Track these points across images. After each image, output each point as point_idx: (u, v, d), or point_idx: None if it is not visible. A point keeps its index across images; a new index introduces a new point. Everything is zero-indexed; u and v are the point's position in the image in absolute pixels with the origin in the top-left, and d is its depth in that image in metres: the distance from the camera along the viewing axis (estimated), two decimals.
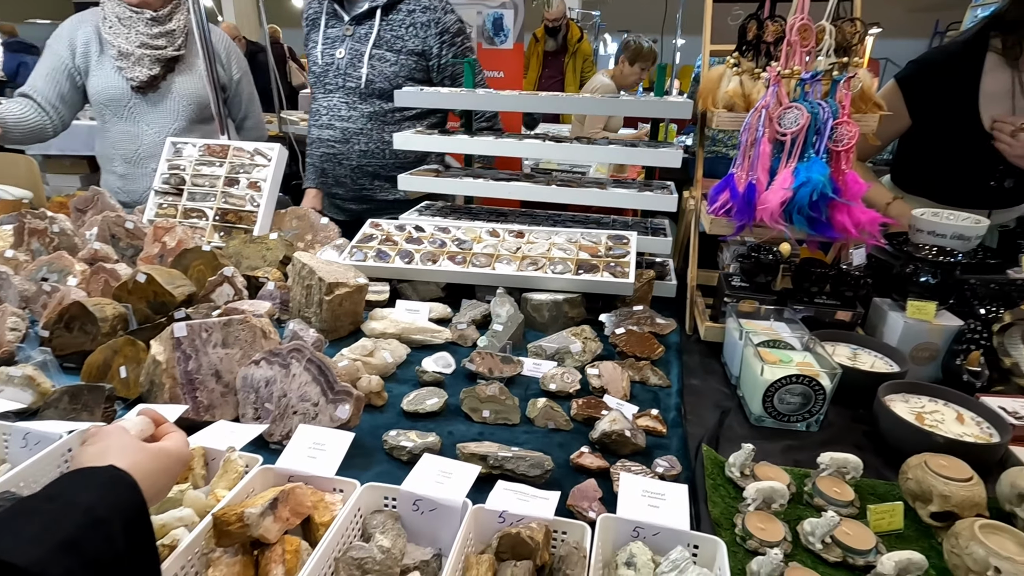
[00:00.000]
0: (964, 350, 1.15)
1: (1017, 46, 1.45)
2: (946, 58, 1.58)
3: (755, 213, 1.26)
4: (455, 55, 1.88)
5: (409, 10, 1.84)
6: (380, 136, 1.91)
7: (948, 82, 1.54)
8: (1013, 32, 1.45)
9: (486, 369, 1.16)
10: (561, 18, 4.76)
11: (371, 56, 1.83)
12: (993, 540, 0.70)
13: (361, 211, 2.04)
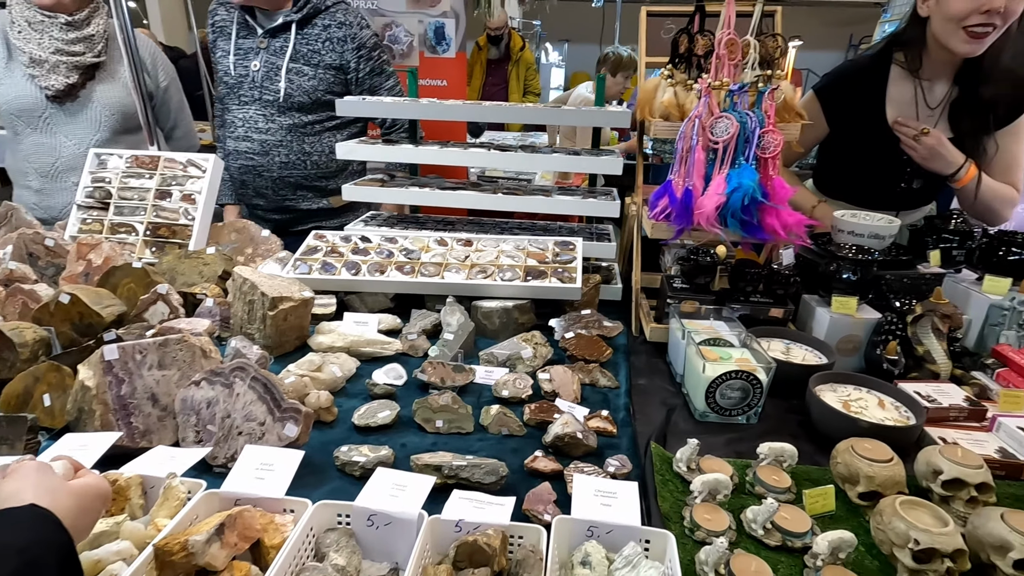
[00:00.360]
0: (883, 341, 1.25)
1: (916, 60, 1.58)
2: (856, 71, 1.70)
3: (692, 217, 1.32)
4: (372, 69, 1.90)
5: (324, 25, 1.84)
6: (300, 147, 1.89)
7: (859, 93, 1.67)
8: (911, 48, 1.58)
9: (438, 379, 1.16)
10: (503, 27, 4.82)
11: (288, 70, 1.82)
12: (912, 515, 0.76)
13: (285, 221, 2.01)
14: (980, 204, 1.59)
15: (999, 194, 1.59)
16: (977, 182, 1.54)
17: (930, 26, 1.51)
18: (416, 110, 1.65)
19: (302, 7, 1.81)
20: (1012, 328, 1.33)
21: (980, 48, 1.43)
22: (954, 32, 1.44)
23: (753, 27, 1.42)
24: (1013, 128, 1.59)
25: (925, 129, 1.54)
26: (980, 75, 1.53)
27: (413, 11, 2.83)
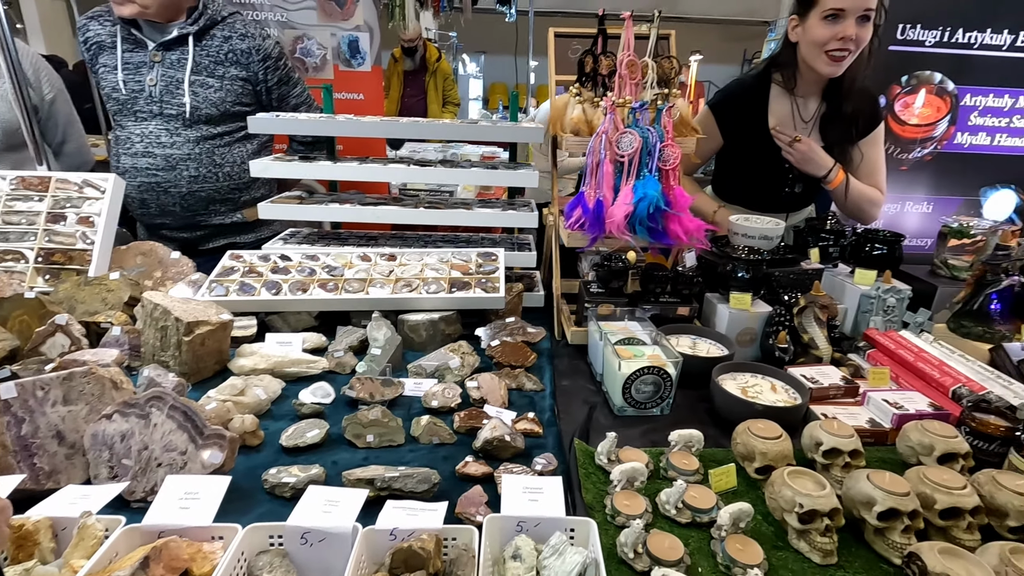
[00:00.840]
0: (774, 331, 1.39)
1: (791, 79, 1.79)
2: (743, 89, 1.89)
3: (604, 226, 1.41)
4: (280, 79, 1.89)
5: (225, 36, 1.81)
6: (211, 160, 1.84)
7: (745, 108, 1.85)
8: (786, 69, 1.78)
9: (367, 394, 1.17)
10: (417, 38, 4.84)
11: (191, 83, 1.77)
12: (797, 483, 0.87)
13: (195, 239, 1.94)
14: (851, 204, 1.82)
15: (866, 195, 1.82)
16: (846, 184, 1.76)
17: (799, 50, 1.71)
18: (333, 127, 1.64)
19: (197, 19, 1.77)
20: (879, 314, 1.53)
21: (839, 69, 1.65)
22: (818, 55, 1.64)
23: (650, 50, 1.55)
24: (872, 138, 1.82)
25: (797, 137, 1.74)
26: (842, 92, 1.74)
27: (325, 24, 2.80)
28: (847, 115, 1.76)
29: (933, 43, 2.33)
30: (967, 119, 2.45)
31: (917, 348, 1.35)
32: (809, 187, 1.93)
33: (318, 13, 2.78)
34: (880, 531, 0.85)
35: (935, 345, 1.39)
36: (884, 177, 1.88)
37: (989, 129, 2.48)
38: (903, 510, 0.83)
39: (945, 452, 0.98)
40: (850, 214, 1.87)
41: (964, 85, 2.39)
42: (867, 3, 1.55)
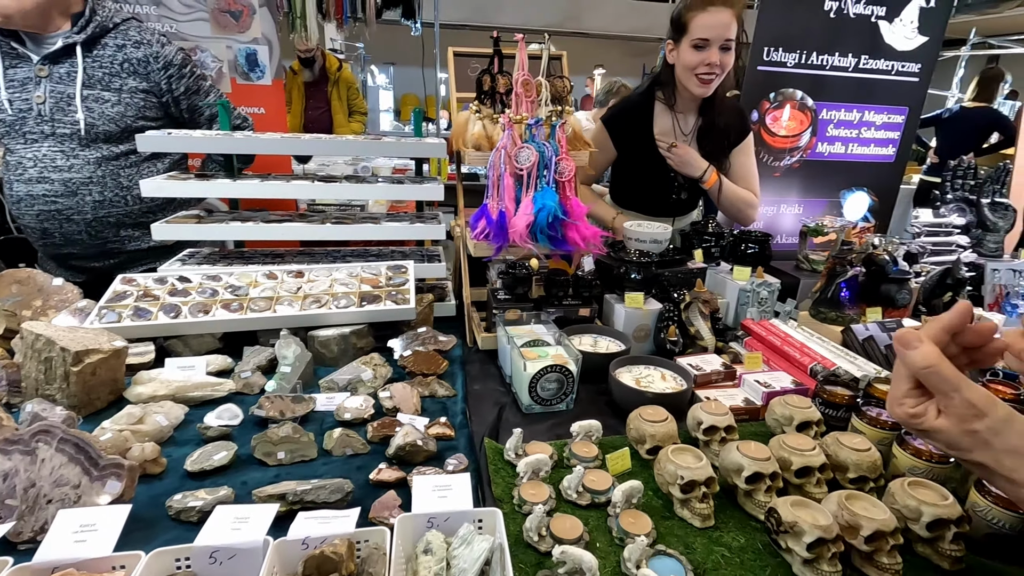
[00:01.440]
0: (664, 326, 1.53)
1: (671, 97, 1.98)
2: (631, 106, 2.06)
3: (508, 236, 1.49)
4: (187, 88, 1.81)
5: (118, 45, 1.71)
6: (116, 182, 1.73)
7: (633, 123, 2.02)
8: (666, 87, 1.97)
9: (277, 412, 1.17)
10: (313, 49, 4.75)
11: (84, 98, 1.66)
12: (679, 458, 0.98)
13: (110, 267, 1.82)
14: (726, 204, 2.02)
15: (740, 196, 2.03)
16: (719, 186, 1.96)
17: (676, 71, 1.90)
18: (230, 144, 1.61)
19: (84, 26, 1.66)
20: (754, 306, 1.72)
21: (708, 90, 1.85)
22: (689, 77, 1.84)
23: (543, 70, 1.66)
24: (743, 147, 2.05)
25: (674, 143, 1.93)
26: (714, 109, 1.95)
27: (220, 37, 2.71)
28: (720, 128, 1.98)
29: (793, 64, 2.64)
30: (825, 131, 2.79)
31: (784, 334, 1.54)
32: (693, 194, 2.12)
33: (211, 25, 2.68)
34: (748, 493, 0.97)
35: (799, 330, 1.59)
36: (757, 182, 2.12)
37: (843, 139, 2.83)
38: (765, 473, 0.96)
39: (802, 421, 1.13)
40: (729, 215, 2.08)
41: (821, 101, 2.72)
42: (727, 35, 1.77)
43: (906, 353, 0.60)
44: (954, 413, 0.57)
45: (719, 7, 1.76)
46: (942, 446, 0.61)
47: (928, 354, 0.58)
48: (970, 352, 0.62)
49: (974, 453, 0.57)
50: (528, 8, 9.39)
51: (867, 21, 2.61)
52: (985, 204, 2.04)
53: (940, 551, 0.88)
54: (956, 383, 0.57)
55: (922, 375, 0.59)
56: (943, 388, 0.58)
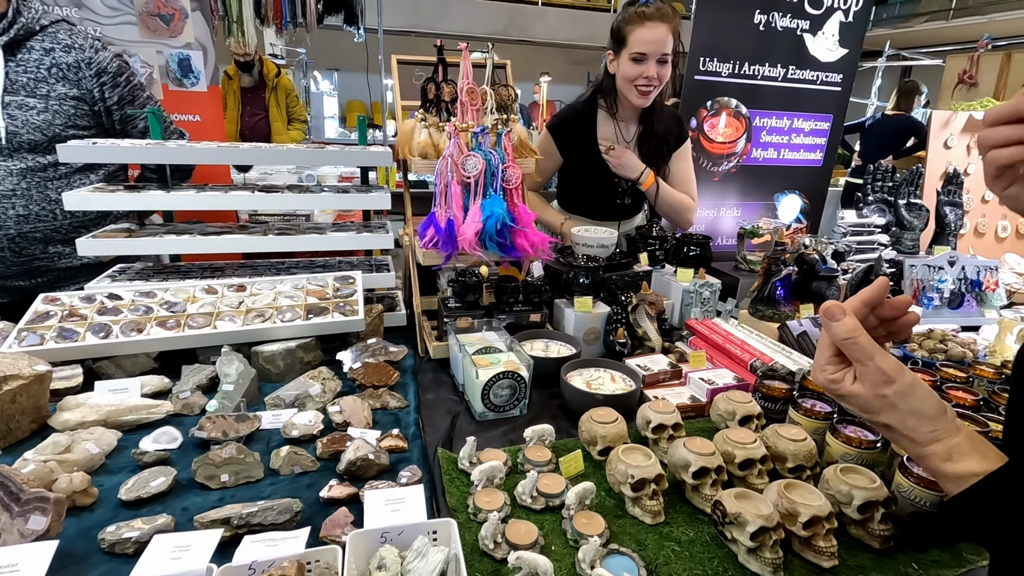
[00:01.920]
0: (613, 328, 1.57)
1: (613, 105, 2.03)
2: (575, 114, 2.10)
3: (457, 244, 1.49)
4: (121, 98, 1.72)
5: (46, 49, 1.61)
6: (44, 195, 1.62)
7: (578, 131, 2.06)
8: (608, 96, 2.03)
9: (219, 432, 1.12)
10: (251, 54, 4.60)
11: (5, 104, 1.55)
12: (629, 457, 1.01)
13: (36, 286, 1.70)
14: (664, 206, 2.08)
15: (677, 199, 2.10)
16: (657, 189, 2.02)
17: (616, 80, 1.96)
18: (162, 154, 1.53)
19: (7, 28, 1.55)
20: (697, 306, 1.79)
21: (647, 101, 1.92)
22: (629, 88, 1.90)
23: (487, 78, 1.67)
24: (680, 153, 2.13)
25: (612, 146, 1.99)
26: (653, 116, 2.02)
27: (149, 41, 2.59)
28: (659, 134, 2.05)
29: (728, 74, 2.76)
30: (759, 137, 2.93)
31: (726, 332, 1.61)
32: (637, 199, 2.19)
33: (139, 29, 2.56)
34: (695, 487, 1.01)
35: (739, 328, 1.66)
36: (694, 186, 2.20)
37: (776, 145, 2.98)
38: (711, 467, 0.99)
39: (744, 415, 1.19)
40: (667, 217, 2.15)
41: (754, 109, 2.86)
42: (664, 49, 1.84)
43: (830, 324, 0.65)
44: (868, 379, 0.63)
45: (656, 22, 1.83)
46: (856, 409, 0.66)
47: (849, 326, 0.63)
48: (887, 324, 0.68)
49: (882, 415, 0.63)
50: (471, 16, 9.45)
51: (793, 34, 2.77)
52: (902, 205, 2.19)
53: (870, 531, 0.94)
54: (871, 352, 0.62)
55: (842, 344, 0.64)
56: (860, 356, 0.63)
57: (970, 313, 2.00)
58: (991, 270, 2.03)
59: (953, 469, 0.58)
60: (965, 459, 0.58)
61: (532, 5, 10.06)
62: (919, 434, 0.61)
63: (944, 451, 0.59)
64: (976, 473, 0.56)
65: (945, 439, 0.59)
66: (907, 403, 0.61)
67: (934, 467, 0.60)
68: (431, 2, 9.39)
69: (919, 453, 0.62)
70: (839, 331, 0.63)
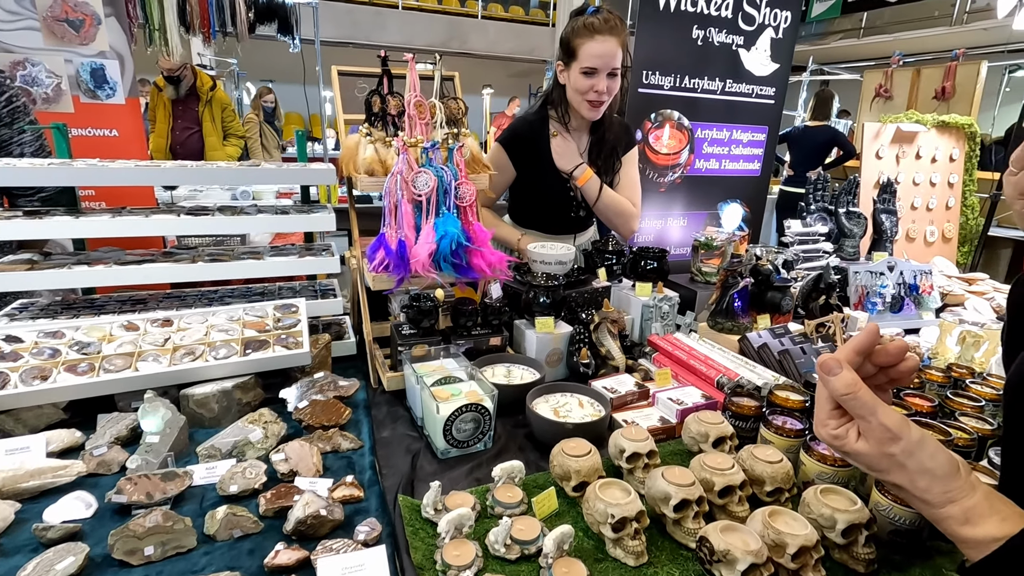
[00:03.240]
0: (576, 349, 1.51)
1: (565, 115, 2.00)
2: (526, 126, 2.05)
3: (409, 266, 1.40)
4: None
5: None
6: None
7: (531, 144, 2.02)
8: (559, 107, 2.00)
9: (142, 495, 0.97)
10: (177, 68, 4.32)
11: None
12: (607, 494, 0.94)
13: None
14: (603, 210, 2.04)
15: (617, 203, 2.05)
16: (599, 190, 1.98)
17: (567, 92, 1.93)
18: (65, 175, 1.36)
19: None
20: (657, 320, 1.76)
21: (598, 114, 1.92)
22: (580, 102, 1.90)
23: (436, 91, 1.59)
24: (626, 159, 2.11)
25: (556, 132, 1.99)
26: (604, 126, 2.01)
27: (56, 49, 2.36)
28: (610, 142, 2.04)
29: (670, 87, 2.80)
30: (701, 149, 2.99)
31: (689, 348, 1.58)
32: (589, 211, 2.16)
33: (44, 35, 2.32)
34: (677, 521, 0.95)
35: (701, 342, 1.64)
36: (638, 194, 2.17)
37: (717, 156, 3.05)
38: (692, 499, 0.94)
39: (717, 437, 1.15)
40: (607, 221, 2.11)
41: (696, 121, 2.91)
42: (613, 64, 1.83)
43: (828, 379, 0.60)
44: (872, 436, 0.59)
45: (605, 36, 1.81)
46: (864, 468, 0.62)
47: (847, 380, 0.59)
48: (887, 371, 0.64)
49: (892, 474, 0.59)
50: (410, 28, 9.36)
51: (729, 49, 2.85)
52: (842, 213, 2.27)
53: (855, 555, 0.91)
54: (872, 407, 0.58)
55: (842, 400, 0.60)
56: (861, 412, 0.59)
57: (910, 316, 2.09)
58: (926, 274, 2.12)
59: (972, 534, 0.54)
60: (984, 522, 0.54)
61: (472, 18, 10.09)
62: (932, 495, 0.56)
63: (961, 513, 0.55)
64: (997, 538, 0.52)
65: (961, 500, 0.55)
66: (915, 461, 0.57)
67: (951, 531, 0.56)
68: (368, 13, 9.24)
69: (935, 516, 0.58)
70: (837, 386, 0.59)
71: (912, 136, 2.92)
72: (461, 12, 10.29)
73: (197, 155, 4.55)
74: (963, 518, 0.55)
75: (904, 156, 2.90)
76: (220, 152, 4.68)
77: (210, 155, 4.61)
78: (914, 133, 2.91)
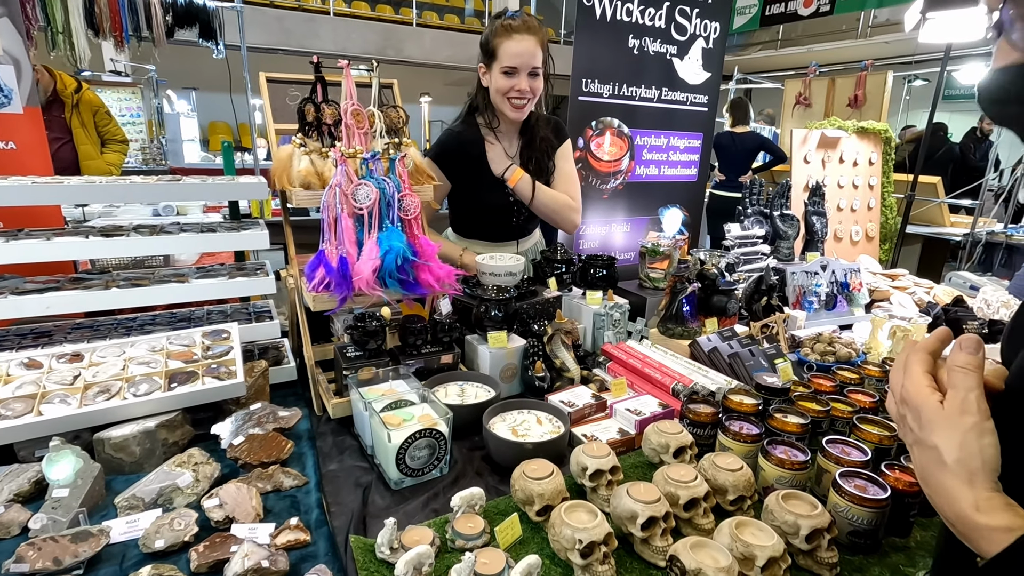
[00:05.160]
0: (531, 363, 1.47)
1: (493, 120, 1.96)
2: (454, 138, 1.99)
3: (352, 284, 1.32)
4: None
5: None
6: None
7: (463, 154, 1.96)
8: (485, 112, 1.97)
9: (48, 561, 0.85)
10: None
11: None
12: (573, 518, 0.90)
13: None
14: (541, 207, 2.00)
15: (553, 198, 2.01)
16: (533, 188, 1.95)
17: (491, 94, 1.90)
18: None
19: None
20: (609, 328, 1.75)
21: (522, 115, 1.91)
22: (503, 102, 1.88)
23: (374, 98, 1.52)
24: (559, 153, 2.09)
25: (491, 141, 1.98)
26: (533, 128, 2.00)
27: None
28: (541, 140, 2.02)
29: (609, 95, 2.84)
30: (641, 155, 3.04)
31: (642, 355, 1.58)
32: (531, 216, 2.13)
33: None
34: (645, 540, 0.93)
35: (654, 349, 1.64)
36: (577, 187, 2.11)
37: (656, 163, 3.12)
38: (658, 515, 0.92)
39: (678, 447, 1.14)
40: (547, 219, 2.08)
41: (635, 128, 2.97)
42: (534, 62, 1.83)
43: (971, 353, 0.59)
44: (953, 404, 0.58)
45: (523, 34, 1.81)
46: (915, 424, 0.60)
47: (980, 360, 0.59)
48: None
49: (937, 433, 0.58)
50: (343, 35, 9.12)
51: (663, 58, 2.92)
52: (776, 216, 2.36)
53: (819, 560, 0.91)
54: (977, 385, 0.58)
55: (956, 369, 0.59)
56: (964, 384, 0.58)
57: (842, 313, 2.18)
58: (855, 272, 2.23)
59: (985, 521, 0.53)
60: (997, 513, 0.53)
61: (407, 26, 9.95)
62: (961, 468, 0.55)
63: (974, 499, 0.54)
64: (1011, 528, 0.52)
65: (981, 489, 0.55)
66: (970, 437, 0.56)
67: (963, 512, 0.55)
68: (299, 20, 8.94)
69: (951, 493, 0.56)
70: (962, 359, 0.59)
71: (835, 141, 3.09)
72: (396, 19, 10.14)
73: (71, 168, 3.95)
74: (975, 504, 0.54)
75: (829, 160, 3.06)
76: (98, 161, 4.11)
77: (86, 165, 4.04)
78: (837, 139, 3.09)
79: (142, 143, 7.47)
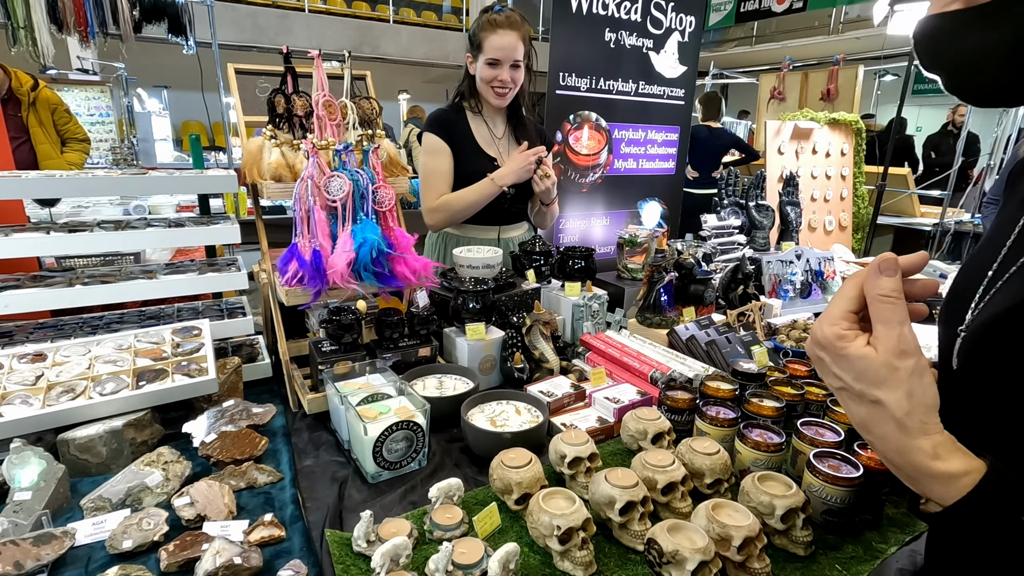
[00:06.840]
0: (509, 354, 1.46)
1: (479, 104, 2.03)
2: (444, 114, 2.04)
3: (326, 277, 1.30)
4: None
5: None
6: None
7: (454, 129, 2.01)
8: (471, 98, 2.04)
9: (9, 565, 0.82)
10: None
11: None
12: (551, 504, 0.90)
13: None
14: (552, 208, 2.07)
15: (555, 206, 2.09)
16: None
17: (476, 81, 1.95)
18: None
19: None
20: (588, 319, 1.75)
21: (505, 102, 1.98)
22: (487, 90, 1.96)
23: (346, 90, 1.49)
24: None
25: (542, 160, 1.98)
26: (517, 113, 2.06)
27: None
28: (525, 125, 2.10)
29: (586, 89, 2.84)
30: (619, 149, 3.05)
31: (621, 345, 1.58)
32: (520, 203, 2.13)
33: None
34: (623, 525, 0.93)
35: (632, 338, 1.65)
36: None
37: (634, 156, 3.13)
38: (636, 500, 0.92)
39: (656, 433, 1.14)
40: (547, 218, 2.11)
41: (613, 122, 2.97)
42: (515, 56, 1.91)
43: (879, 276, 0.56)
44: (886, 344, 0.54)
45: (506, 30, 1.89)
46: (849, 376, 0.57)
47: (896, 284, 0.56)
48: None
49: (881, 389, 0.54)
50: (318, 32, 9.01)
51: (640, 52, 2.93)
52: (752, 206, 2.38)
53: (794, 539, 0.92)
54: (905, 317, 0.55)
55: (881, 300, 0.55)
56: (891, 318, 0.55)
57: (817, 301, 2.22)
58: (828, 260, 2.27)
59: (943, 468, 0.53)
60: (951, 456, 0.53)
61: (383, 23, 9.86)
62: (912, 421, 0.54)
63: (931, 448, 0.54)
64: (966, 471, 0.52)
65: (933, 435, 0.54)
66: (915, 381, 0.53)
67: (920, 464, 0.54)
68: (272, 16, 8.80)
69: (905, 446, 0.55)
70: (886, 285, 0.55)
71: (808, 132, 3.14)
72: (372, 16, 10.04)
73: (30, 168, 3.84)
74: (933, 452, 0.54)
75: (803, 151, 3.11)
76: (58, 161, 3.95)
77: (45, 165, 3.87)
78: (810, 130, 3.13)
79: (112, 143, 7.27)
